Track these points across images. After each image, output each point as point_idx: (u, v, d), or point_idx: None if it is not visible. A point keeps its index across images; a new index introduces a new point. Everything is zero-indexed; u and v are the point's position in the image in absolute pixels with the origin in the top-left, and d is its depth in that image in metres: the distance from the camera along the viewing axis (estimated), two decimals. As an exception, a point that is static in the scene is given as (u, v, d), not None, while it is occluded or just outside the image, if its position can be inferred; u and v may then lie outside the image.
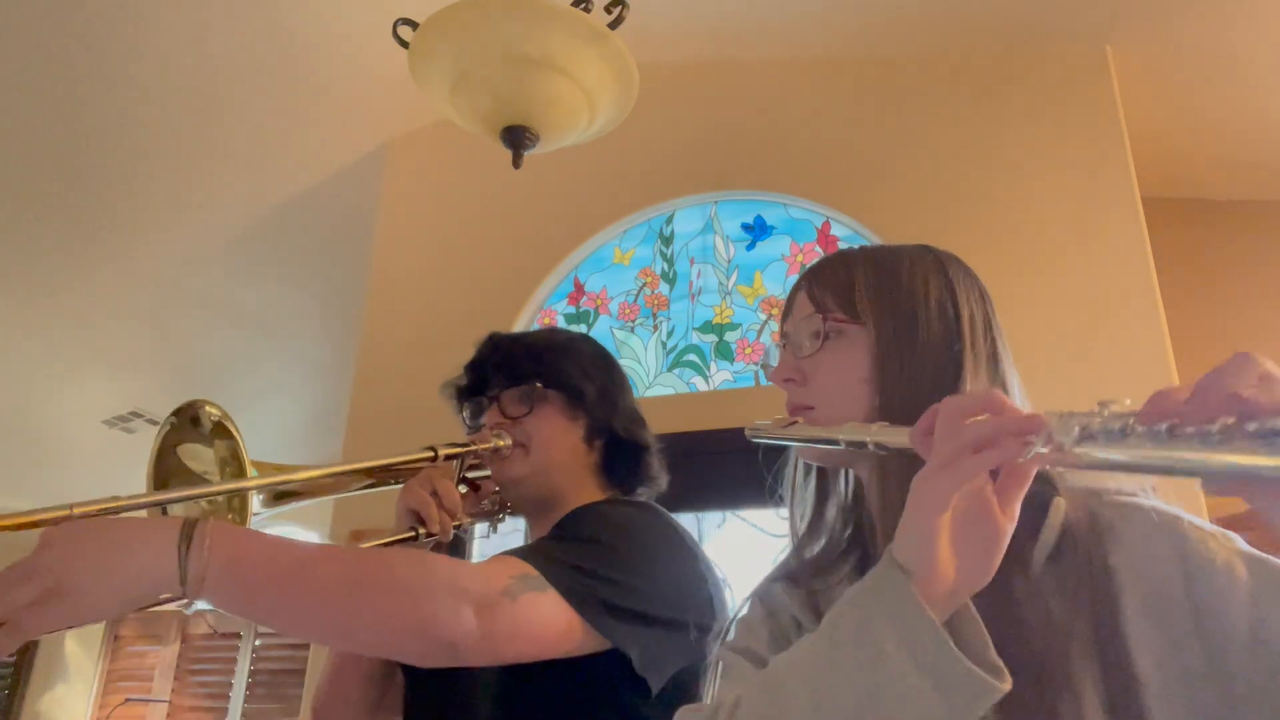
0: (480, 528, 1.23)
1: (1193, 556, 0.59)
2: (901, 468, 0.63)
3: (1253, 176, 3.02)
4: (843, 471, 0.78)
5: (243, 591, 0.79)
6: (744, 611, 0.77)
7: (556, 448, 1.16)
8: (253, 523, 0.98)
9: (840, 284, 0.75)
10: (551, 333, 1.29)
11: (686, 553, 1.05)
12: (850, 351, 0.72)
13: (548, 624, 0.89)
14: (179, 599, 0.78)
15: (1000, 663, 0.52)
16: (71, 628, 0.77)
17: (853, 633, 0.54)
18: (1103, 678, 0.56)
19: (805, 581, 0.73)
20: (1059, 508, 0.63)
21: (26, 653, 5.18)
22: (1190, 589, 0.58)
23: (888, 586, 0.53)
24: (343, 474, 1.08)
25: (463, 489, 1.16)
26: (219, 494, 0.95)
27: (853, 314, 0.73)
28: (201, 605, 0.86)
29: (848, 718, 0.53)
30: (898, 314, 0.71)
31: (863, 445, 0.62)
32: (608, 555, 0.97)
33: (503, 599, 0.87)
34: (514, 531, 1.35)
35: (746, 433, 0.77)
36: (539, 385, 1.17)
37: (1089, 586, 0.60)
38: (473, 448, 1.13)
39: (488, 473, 1.18)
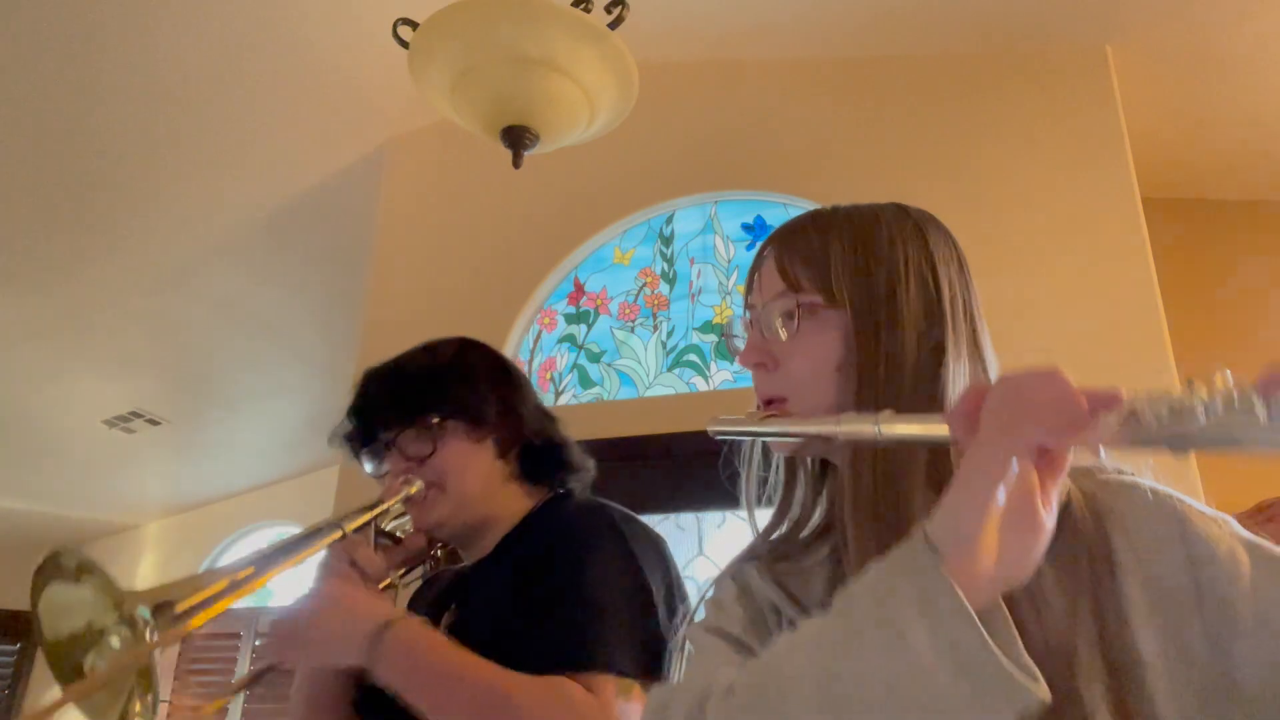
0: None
1: (1196, 541, 0.58)
2: (875, 456, 0.62)
3: (1252, 176, 3.02)
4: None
5: (403, 690, 0.92)
6: (713, 592, 0.73)
7: (472, 475, 1.10)
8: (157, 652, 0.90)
9: (814, 257, 0.69)
10: (429, 353, 1.17)
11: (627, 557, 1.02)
12: (824, 335, 0.67)
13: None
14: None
15: (1034, 667, 0.46)
16: (289, 665, 1.05)
17: (873, 615, 0.48)
18: (1106, 660, 0.56)
19: (775, 561, 0.70)
20: (1062, 485, 0.62)
21: (26, 652, 5.18)
22: (1194, 573, 0.57)
23: (918, 566, 0.47)
24: (252, 577, 0.98)
25: (386, 542, 1.11)
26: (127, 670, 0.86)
27: (828, 295, 0.67)
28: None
29: (859, 708, 0.47)
30: (876, 296, 0.66)
31: (869, 438, 0.57)
32: (620, 597, 0.96)
33: None
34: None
35: (709, 429, 0.72)
36: (437, 420, 1.09)
37: (1090, 568, 0.59)
38: (382, 507, 1.07)
39: (405, 516, 1.12)
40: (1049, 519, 0.49)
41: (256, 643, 4.91)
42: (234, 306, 3.87)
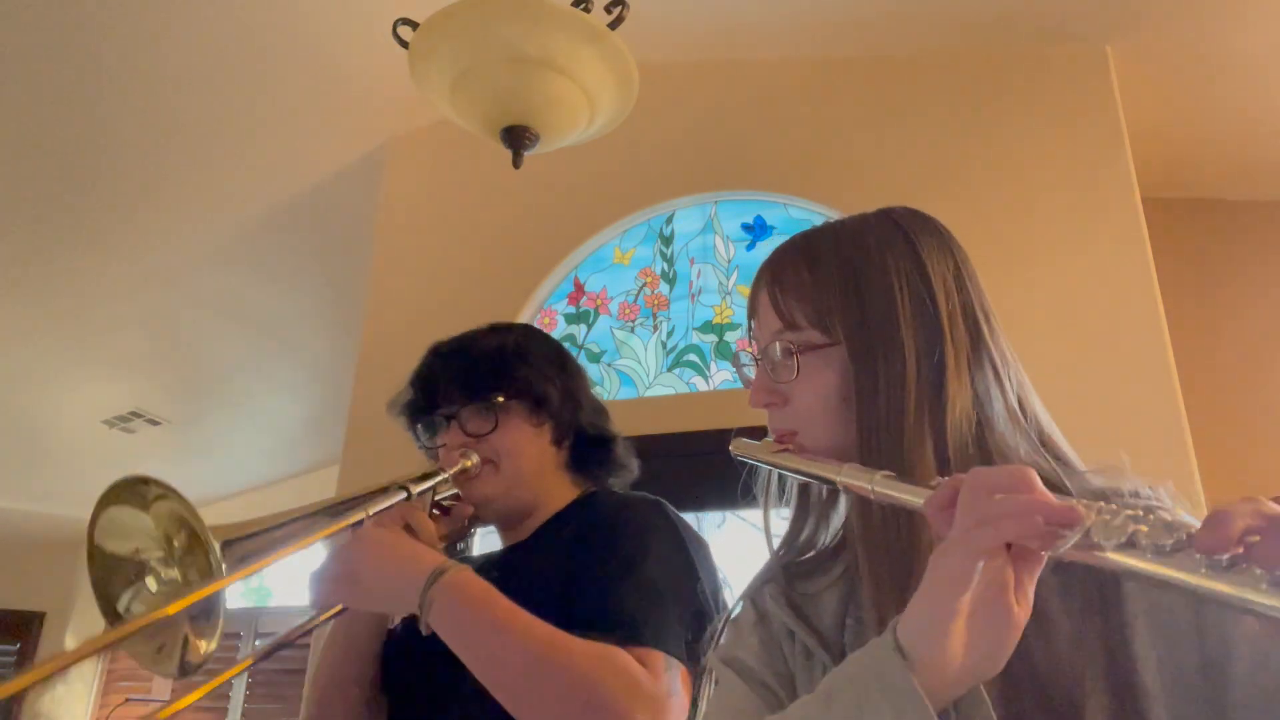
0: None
1: None
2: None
3: (1252, 176, 3.02)
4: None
5: (454, 637, 0.90)
6: (735, 613, 0.75)
7: (526, 458, 1.12)
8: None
9: (806, 291, 0.70)
10: (498, 334, 1.20)
11: (686, 550, 1.05)
12: (825, 370, 0.68)
13: (685, 701, 0.93)
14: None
15: None
16: (343, 608, 0.99)
17: (850, 715, 0.51)
18: (1110, 687, 0.56)
19: (789, 583, 0.71)
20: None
21: (26, 652, 5.18)
22: (1199, 606, 0.57)
23: (889, 673, 0.49)
24: (312, 524, 1.00)
25: (434, 513, 1.13)
26: (199, 598, 0.86)
27: (824, 330, 0.68)
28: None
29: None
30: (870, 327, 0.67)
31: (865, 494, 0.59)
32: (675, 584, 0.98)
33: (668, 700, 0.89)
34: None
35: (731, 450, 0.74)
36: (501, 398, 1.11)
37: (1098, 593, 0.59)
38: (441, 476, 1.09)
39: (454, 491, 1.13)
40: (1023, 612, 0.50)
41: (257, 643, 4.92)
42: (234, 306, 3.87)
